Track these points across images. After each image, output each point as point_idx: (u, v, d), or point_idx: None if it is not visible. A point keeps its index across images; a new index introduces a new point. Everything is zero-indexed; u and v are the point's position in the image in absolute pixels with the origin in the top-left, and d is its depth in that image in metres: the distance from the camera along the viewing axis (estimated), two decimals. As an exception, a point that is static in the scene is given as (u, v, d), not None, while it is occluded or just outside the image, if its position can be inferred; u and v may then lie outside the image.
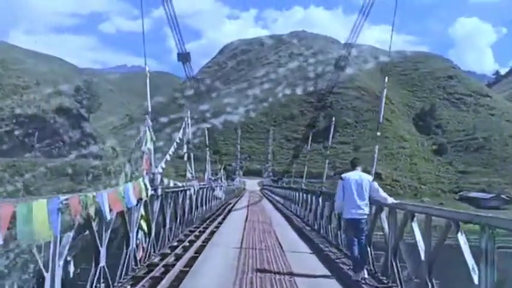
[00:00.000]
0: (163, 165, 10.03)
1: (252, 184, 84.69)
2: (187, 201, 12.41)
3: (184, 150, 13.11)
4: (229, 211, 20.62)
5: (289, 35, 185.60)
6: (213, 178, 20.07)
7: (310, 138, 21.34)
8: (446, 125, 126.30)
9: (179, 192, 11.10)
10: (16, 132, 48.32)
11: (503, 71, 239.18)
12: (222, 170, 29.89)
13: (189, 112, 12.87)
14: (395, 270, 5.75)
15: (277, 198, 35.41)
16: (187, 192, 12.38)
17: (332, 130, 18.32)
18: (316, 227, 13.37)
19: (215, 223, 14.52)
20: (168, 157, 10.77)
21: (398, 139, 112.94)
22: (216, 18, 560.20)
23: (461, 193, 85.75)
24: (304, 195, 17.61)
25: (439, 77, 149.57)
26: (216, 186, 21.63)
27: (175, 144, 11.65)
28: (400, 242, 5.68)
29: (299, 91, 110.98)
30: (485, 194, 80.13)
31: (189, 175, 13.57)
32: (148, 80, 8.16)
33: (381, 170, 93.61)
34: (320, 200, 13.46)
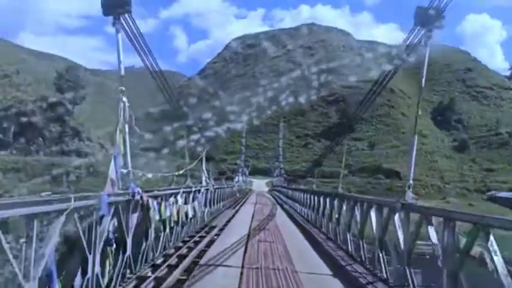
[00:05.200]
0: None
1: (260, 184, 77.91)
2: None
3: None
4: None
5: (300, 28, 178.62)
6: (137, 173, 7.78)
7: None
8: (467, 119, 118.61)
9: None
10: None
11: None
12: (203, 162, 16.66)
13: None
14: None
15: (296, 207, 23.91)
16: None
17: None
18: None
19: None
20: None
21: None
22: (223, 17, 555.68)
23: (489, 193, 78.18)
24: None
25: (457, 69, 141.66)
26: (173, 197, 10.01)
27: None
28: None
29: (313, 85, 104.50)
30: (516, 194, 72.58)
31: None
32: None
33: (399, 168, 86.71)
34: None
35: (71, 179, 39.47)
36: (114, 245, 6.14)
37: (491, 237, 4.34)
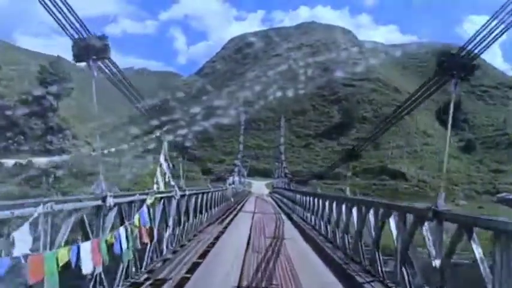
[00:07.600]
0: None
1: (259, 186, 74.59)
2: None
3: None
4: None
5: (299, 26, 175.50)
6: None
7: None
8: (473, 119, 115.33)
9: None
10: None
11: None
12: (164, 150, 9.30)
13: None
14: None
15: (311, 220, 17.29)
16: None
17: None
18: None
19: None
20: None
21: (422, 135, 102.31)
22: (223, 19, 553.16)
23: (499, 195, 74.55)
24: None
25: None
26: None
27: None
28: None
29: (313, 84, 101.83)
30: (528, 196, 69.00)
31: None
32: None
33: (405, 169, 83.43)
34: None
35: (50, 179, 36.21)
36: None
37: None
